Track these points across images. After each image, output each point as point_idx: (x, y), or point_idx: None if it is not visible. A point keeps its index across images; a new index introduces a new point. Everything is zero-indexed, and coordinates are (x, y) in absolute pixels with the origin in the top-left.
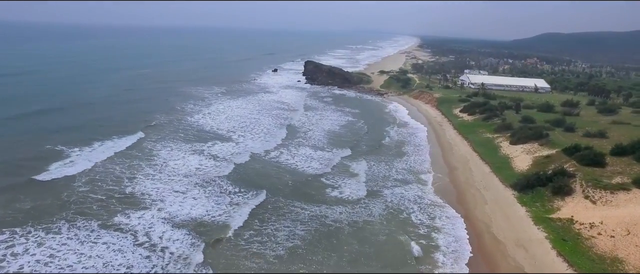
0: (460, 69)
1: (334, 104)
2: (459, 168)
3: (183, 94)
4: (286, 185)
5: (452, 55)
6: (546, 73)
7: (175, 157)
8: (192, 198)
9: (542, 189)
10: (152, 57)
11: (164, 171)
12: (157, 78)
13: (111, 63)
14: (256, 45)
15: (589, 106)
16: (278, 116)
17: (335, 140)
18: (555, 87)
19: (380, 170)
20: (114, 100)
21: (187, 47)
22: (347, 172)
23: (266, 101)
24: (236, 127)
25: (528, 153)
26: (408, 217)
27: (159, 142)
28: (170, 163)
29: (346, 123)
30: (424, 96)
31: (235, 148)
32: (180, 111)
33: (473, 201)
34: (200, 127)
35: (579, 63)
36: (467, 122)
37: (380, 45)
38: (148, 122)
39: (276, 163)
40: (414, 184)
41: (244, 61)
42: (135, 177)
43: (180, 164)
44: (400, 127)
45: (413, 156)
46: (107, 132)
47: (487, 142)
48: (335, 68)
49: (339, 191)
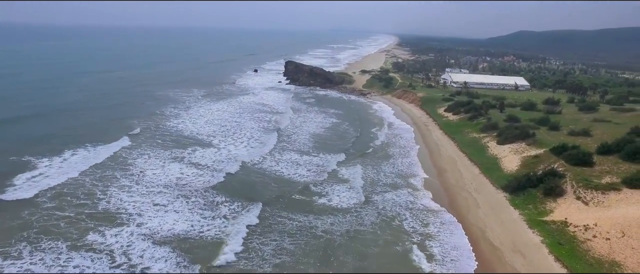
0: (441, 68)
1: (317, 106)
2: (448, 170)
3: (161, 97)
4: (271, 194)
5: (431, 53)
6: (524, 71)
7: (153, 166)
8: (174, 211)
9: (534, 191)
10: (129, 59)
11: (141, 182)
12: (134, 81)
13: (86, 65)
14: (236, 46)
15: (569, 103)
16: (260, 119)
17: (321, 143)
18: (534, 85)
19: (369, 175)
20: (88, 105)
21: (166, 47)
22: (335, 178)
23: (247, 103)
24: (217, 132)
25: (516, 153)
26: (401, 224)
27: (134, 150)
28: (148, 173)
29: (331, 125)
30: (408, 96)
31: (217, 155)
32: (158, 116)
33: (465, 205)
34: (179, 132)
35: (552, 60)
36: (453, 122)
37: (360, 44)
38: (123, 128)
39: (260, 170)
40: (405, 189)
41: (223, 62)
42: (109, 189)
43: (159, 174)
44: (386, 128)
45: (401, 158)
46: (77, 141)
47: (474, 143)
48: (316, 68)
49: (327, 198)
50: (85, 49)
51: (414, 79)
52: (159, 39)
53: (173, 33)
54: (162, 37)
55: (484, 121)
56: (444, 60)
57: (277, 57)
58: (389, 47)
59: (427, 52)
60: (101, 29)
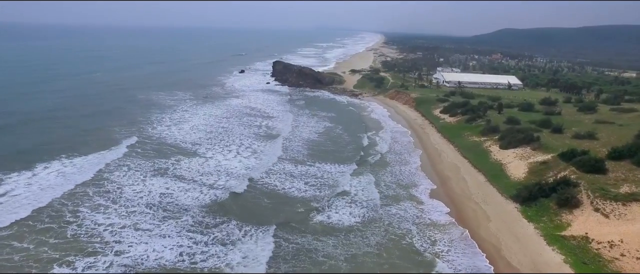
0: (432, 67)
1: (308, 108)
2: (451, 178)
3: (143, 101)
4: (266, 211)
5: (419, 52)
6: (513, 69)
7: (133, 181)
8: (160, 236)
9: (546, 201)
10: (111, 61)
11: (119, 200)
12: (116, 84)
13: (66, 67)
14: (220, 45)
15: (566, 103)
16: (249, 124)
17: (315, 151)
18: (527, 84)
19: (369, 186)
20: (64, 113)
21: (148, 49)
22: (333, 191)
23: (235, 107)
24: (203, 139)
25: (521, 158)
26: (411, 243)
27: (112, 162)
28: (127, 189)
29: (324, 130)
30: (401, 96)
31: (204, 165)
32: (141, 122)
33: (475, 218)
34: (162, 140)
35: (539, 58)
36: (450, 124)
37: (346, 43)
38: (97, 137)
39: (252, 183)
40: (408, 201)
41: (208, 62)
42: (80, 210)
43: (140, 191)
44: (381, 131)
45: (400, 165)
46: (42, 155)
47: (475, 147)
48: (305, 68)
49: (326, 215)
50: (66, 50)
51: (406, 78)
52: (142, 39)
53: (155, 33)
54: (145, 37)
55: (483, 123)
56: (433, 58)
57: (264, 57)
58: (376, 45)
59: (414, 50)
60: (85, 28)
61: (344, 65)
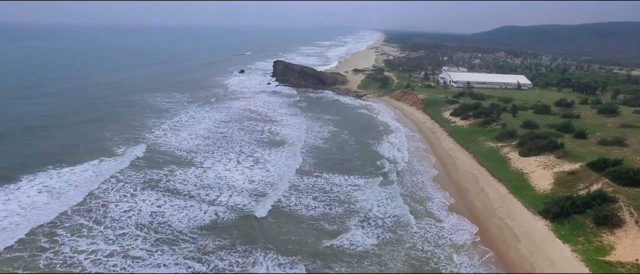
0: (436, 66)
1: (311, 111)
2: (470, 189)
3: (138, 104)
4: (270, 232)
5: (421, 50)
6: (520, 68)
7: (120, 197)
8: (155, 266)
9: (580, 218)
10: (107, 61)
11: (104, 220)
12: (110, 86)
13: (61, 69)
14: (220, 45)
15: (583, 105)
16: (250, 129)
17: (322, 159)
18: (537, 84)
19: (382, 200)
20: (54, 120)
21: (146, 48)
22: (343, 207)
23: (235, 110)
24: (200, 147)
25: (545, 168)
26: (436, 269)
27: (98, 175)
28: (113, 207)
29: (330, 135)
30: (407, 97)
31: (201, 177)
32: (134, 128)
33: (501, 238)
34: (156, 147)
35: (544, 56)
36: (462, 128)
37: (347, 41)
38: (87, 146)
39: (254, 198)
40: (426, 218)
41: (209, 62)
42: (57, 234)
43: (129, 208)
44: (390, 136)
45: (413, 175)
46: (18, 167)
47: (491, 154)
48: (307, 68)
49: (337, 239)
50: (62, 50)
51: (411, 78)
52: (141, 39)
53: (153, 33)
54: (143, 37)
55: (498, 127)
56: (436, 57)
57: (264, 56)
58: (377, 43)
59: (416, 48)
60: (85, 28)
61: (346, 65)
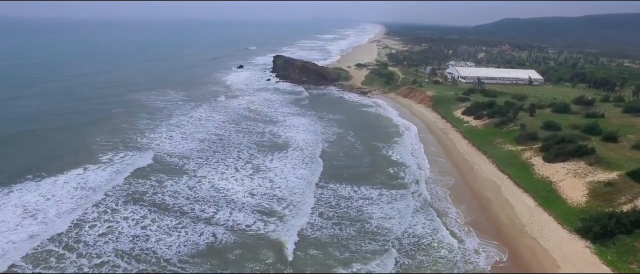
0: (442, 60)
1: (314, 109)
2: (492, 200)
3: (131, 104)
4: (274, 258)
5: (424, 43)
6: (528, 61)
7: (98, 215)
8: None
9: (628, 239)
10: (104, 57)
11: (76, 246)
12: (104, 83)
13: (53, 66)
14: (218, 39)
15: (604, 103)
16: (249, 131)
17: (328, 166)
18: (549, 79)
19: (395, 217)
20: (40, 124)
21: (145, 43)
22: (356, 225)
23: (234, 109)
24: (194, 152)
25: (576, 176)
26: None
27: (78, 187)
28: (88, 229)
29: (335, 138)
30: (415, 94)
31: (195, 189)
32: (124, 131)
33: (536, 262)
34: (145, 153)
35: (550, 49)
36: (477, 129)
37: (347, 34)
38: (70, 152)
39: (258, 213)
40: (449, 238)
41: (208, 58)
42: (15, 265)
43: (107, 230)
44: (398, 138)
45: (428, 184)
46: (10, 176)
47: (512, 159)
48: (308, 63)
49: (350, 265)
50: (54, 45)
51: (418, 74)
52: (139, 34)
53: (149, 26)
54: (141, 31)
55: (516, 128)
56: (440, 51)
57: (264, 51)
58: (378, 36)
59: (418, 41)
60: (87, 23)
61: (348, 59)
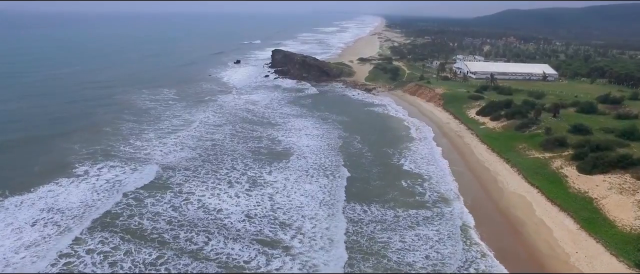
0: (448, 53)
1: (317, 110)
2: (525, 222)
3: (119, 104)
4: None
5: (427, 36)
6: (538, 55)
7: (59, 250)
8: None
9: None
10: (95, 53)
11: None
12: (91, 83)
13: (37, 61)
14: (214, 32)
15: (633, 101)
16: (246, 136)
17: (334, 177)
18: (563, 74)
19: (415, 246)
20: (21, 125)
21: (138, 37)
22: (367, 251)
23: (230, 110)
24: (182, 162)
25: (622, 192)
26: None
27: (44, 209)
28: (42, 266)
29: (341, 143)
30: (423, 92)
31: (180, 210)
32: (106, 136)
33: None
34: (125, 164)
35: (557, 42)
36: (495, 131)
37: (347, 27)
38: (44, 162)
39: (257, 242)
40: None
41: (204, 53)
42: None
43: (63, 269)
44: (409, 143)
45: (447, 203)
46: None
47: (540, 168)
48: (309, 58)
49: None
50: (40, 41)
51: (425, 69)
52: (133, 27)
53: (146, 20)
54: (135, 25)
55: (540, 131)
56: (444, 44)
57: (263, 45)
58: (379, 29)
59: (420, 34)
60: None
61: (349, 53)
